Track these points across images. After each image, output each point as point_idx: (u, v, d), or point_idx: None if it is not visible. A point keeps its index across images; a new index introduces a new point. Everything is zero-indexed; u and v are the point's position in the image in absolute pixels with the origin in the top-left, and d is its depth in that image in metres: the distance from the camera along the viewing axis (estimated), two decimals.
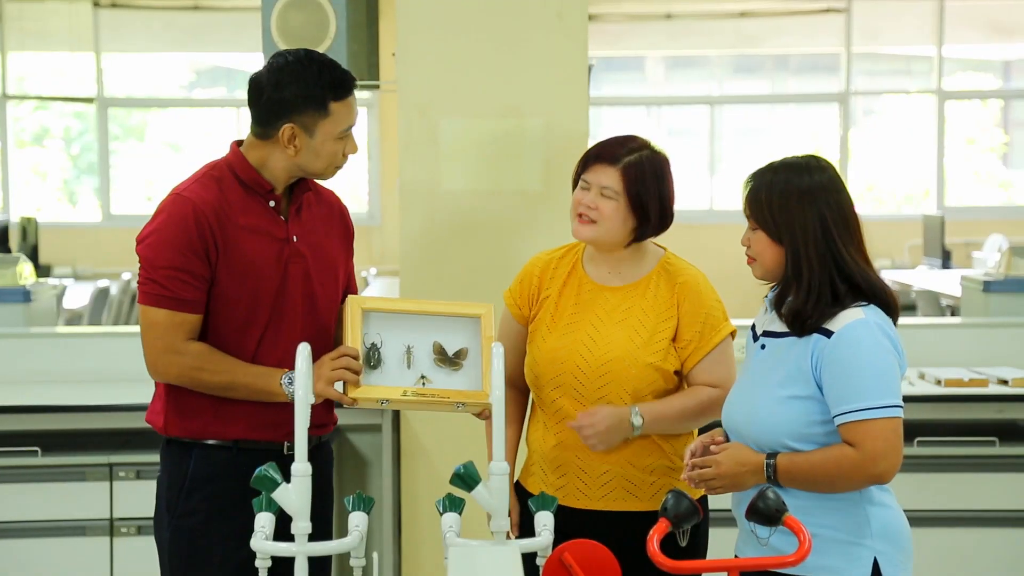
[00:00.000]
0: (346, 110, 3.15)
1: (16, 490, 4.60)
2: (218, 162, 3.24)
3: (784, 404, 2.84)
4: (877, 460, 2.75)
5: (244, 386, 3.14)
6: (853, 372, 2.77)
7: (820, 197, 2.85)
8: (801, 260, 2.83)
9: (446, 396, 3.09)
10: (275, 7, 4.39)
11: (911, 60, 13.06)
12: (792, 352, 2.86)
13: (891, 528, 2.86)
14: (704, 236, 11.94)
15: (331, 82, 3.15)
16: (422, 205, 4.42)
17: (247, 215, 3.17)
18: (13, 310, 5.31)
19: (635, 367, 3.18)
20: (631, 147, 3.21)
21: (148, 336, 3.15)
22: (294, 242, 3.21)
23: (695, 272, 3.30)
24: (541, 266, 3.35)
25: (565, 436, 3.23)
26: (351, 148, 3.19)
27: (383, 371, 3.11)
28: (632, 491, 3.21)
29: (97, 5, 12.11)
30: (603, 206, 3.19)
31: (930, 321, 7.06)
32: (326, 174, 3.23)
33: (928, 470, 4.68)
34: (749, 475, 2.85)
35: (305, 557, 2.60)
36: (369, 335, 3.10)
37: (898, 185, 12.92)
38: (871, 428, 2.75)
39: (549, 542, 2.64)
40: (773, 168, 2.91)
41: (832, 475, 2.78)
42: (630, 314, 3.23)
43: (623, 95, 13.12)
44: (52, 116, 12.92)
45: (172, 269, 3.11)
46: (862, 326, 2.79)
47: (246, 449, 3.19)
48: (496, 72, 4.38)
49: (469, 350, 3.14)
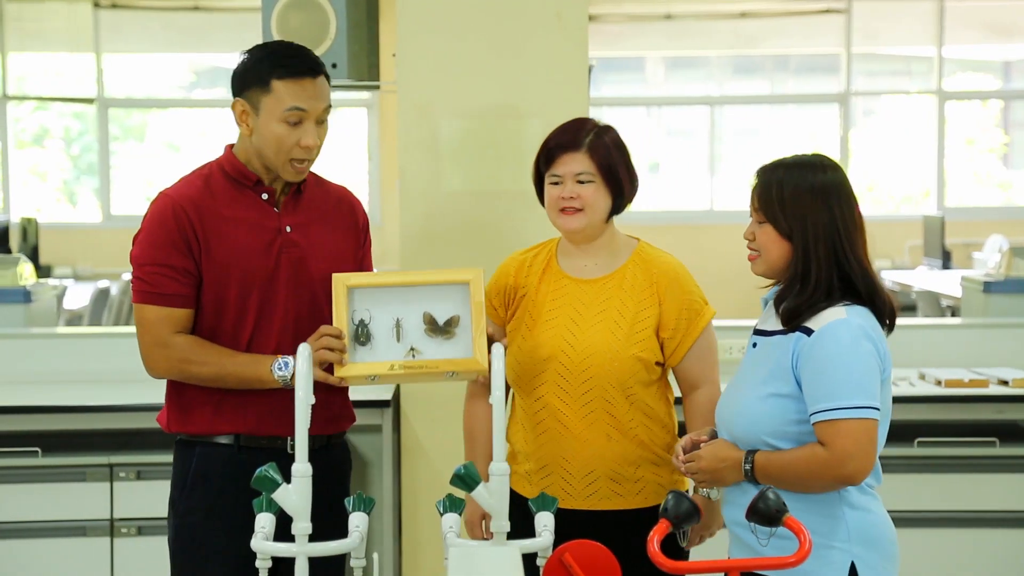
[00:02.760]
0: (291, 90, 3.12)
1: (16, 490, 4.60)
2: (209, 163, 3.29)
3: (765, 401, 2.85)
4: (845, 461, 2.74)
5: (233, 375, 3.15)
6: (829, 371, 2.76)
7: (832, 195, 2.85)
8: (810, 257, 2.83)
9: (435, 366, 3.05)
10: (275, 7, 4.39)
11: (911, 60, 13.05)
12: (777, 350, 2.86)
13: (870, 532, 2.83)
14: (704, 236, 11.96)
15: (278, 60, 3.16)
16: (422, 205, 4.42)
17: (233, 207, 3.19)
18: (13, 310, 5.31)
19: (618, 360, 3.19)
20: (587, 128, 3.26)
21: (139, 332, 3.21)
22: (287, 232, 3.21)
23: (671, 259, 3.32)
24: (516, 265, 3.36)
25: (550, 435, 3.23)
26: (306, 139, 3.14)
27: (372, 347, 3.07)
28: (616, 490, 3.23)
29: (97, 6, 12.11)
30: (583, 192, 3.22)
31: (930, 322, 7.05)
32: (280, 166, 3.17)
33: (928, 471, 4.68)
34: (729, 471, 2.87)
35: (305, 558, 2.60)
36: (357, 312, 3.06)
37: (898, 186, 12.92)
38: (842, 428, 2.74)
39: (550, 543, 2.64)
40: (785, 164, 2.90)
41: (803, 474, 2.78)
42: (609, 304, 3.24)
43: (623, 96, 13.12)
44: (52, 117, 12.92)
45: (154, 265, 3.15)
46: (842, 325, 2.78)
47: (248, 447, 3.20)
48: (496, 73, 4.38)
49: (460, 317, 3.08)
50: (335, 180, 3.48)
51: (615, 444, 3.21)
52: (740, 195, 12.54)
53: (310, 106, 3.14)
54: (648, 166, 12.99)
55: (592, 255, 3.30)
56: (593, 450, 3.21)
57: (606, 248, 3.31)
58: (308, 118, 3.15)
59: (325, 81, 3.20)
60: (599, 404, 3.20)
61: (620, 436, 3.21)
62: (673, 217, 12.28)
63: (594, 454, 3.21)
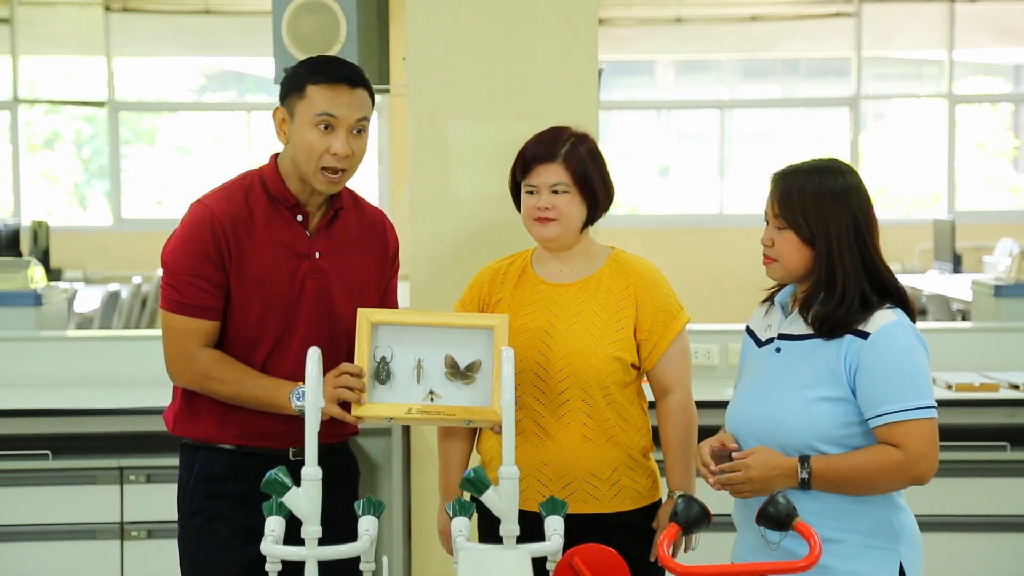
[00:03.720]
0: (324, 95, 3.12)
1: (27, 494, 4.60)
2: (252, 171, 3.27)
3: (814, 406, 2.83)
4: (919, 461, 2.76)
5: (252, 397, 3.15)
6: (892, 373, 2.77)
7: (852, 199, 2.86)
8: (835, 262, 2.83)
9: (452, 413, 3.05)
10: (286, 11, 4.39)
11: (921, 64, 13.04)
12: (821, 354, 2.85)
13: (914, 533, 2.88)
14: (714, 240, 11.96)
15: (316, 67, 3.17)
16: (432, 209, 4.42)
17: (269, 227, 3.19)
18: (24, 314, 5.32)
19: (595, 358, 3.20)
20: (563, 139, 3.28)
21: (164, 340, 3.22)
22: (316, 258, 3.21)
23: (648, 264, 3.35)
24: (490, 274, 3.39)
25: (526, 436, 3.22)
26: (335, 146, 3.12)
27: (392, 386, 3.07)
28: (593, 493, 3.23)
29: (108, 9, 12.13)
30: (558, 202, 3.24)
31: (941, 325, 7.04)
32: (312, 174, 3.15)
33: (938, 474, 4.58)
34: (779, 479, 2.81)
35: (315, 561, 2.60)
36: (380, 348, 3.07)
37: (909, 189, 12.90)
38: (913, 428, 2.76)
39: (559, 547, 2.64)
40: (804, 170, 2.90)
41: (874, 476, 2.78)
42: (584, 307, 3.26)
43: (633, 99, 13.10)
44: (63, 120, 12.95)
45: (188, 276, 3.15)
46: (898, 328, 2.80)
47: (249, 453, 3.21)
48: (506, 76, 4.38)
49: (482, 363, 3.09)
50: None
51: (591, 445, 3.22)
52: (750, 199, 12.53)
53: (341, 113, 3.13)
54: (658, 170, 12.99)
55: (567, 261, 3.33)
56: (570, 452, 3.22)
57: (581, 255, 3.33)
58: (340, 125, 3.13)
59: (365, 94, 3.18)
60: (577, 405, 3.21)
61: (597, 437, 3.22)
62: (683, 221, 12.27)
63: (571, 456, 3.22)
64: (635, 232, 11.31)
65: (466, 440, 3.39)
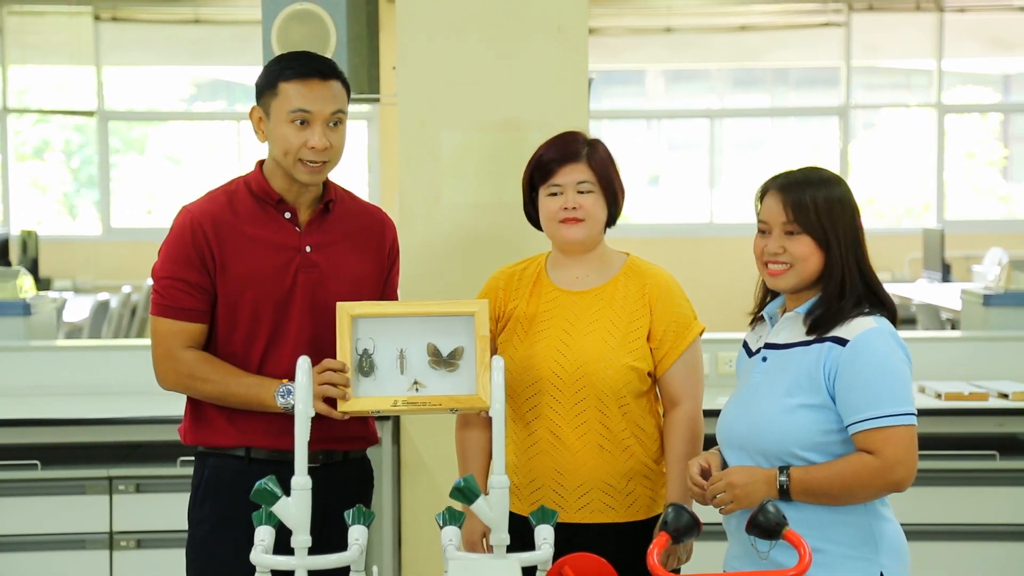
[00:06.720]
0: (296, 91, 3.13)
1: (16, 504, 4.59)
2: (238, 177, 3.30)
3: (793, 413, 2.84)
4: (896, 467, 2.76)
5: (236, 396, 3.15)
6: (870, 380, 2.78)
7: (849, 206, 2.90)
8: (843, 267, 2.86)
9: (438, 402, 3.04)
10: (276, 20, 4.39)
11: (911, 74, 13.07)
12: (801, 361, 2.86)
13: (896, 543, 2.87)
14: (704, 249, 11.97)
15: (286, 63, 3.19)
16: (422, 218, 4.42)
17: (255, 225, 3.20)
18: (13, 323, 5.31)
19: (612, 368, 3.19)
20: (581, 140, 3.29)
21: (152, 344, 3.25)
22: (307, 252, 3.21)
23: (664, 273, 3.33)
24: (504, 279, 3.36)
25: (542, 447, 3.22)
26: (312, 140, 3.13)
27: (376, 378, 3.06)
28: (608, 503, 3.22)
29: (98, 18, 12.13)
30: (584, 202, 3.24)
31: (930, 334, 7.05)
32: (291, 168, 3.17)
33: (928, 484, 4.67)
34: (761, 484, 2.82)
35: (305, 571, 2.60)
36: (361, 340, 3.06)
37: (898, 198, 12.93)
38: (890, 435, 2.76)
39: (549, 556, 2.64)
40: (808, 179, 2.91)
41: (850, 484, 2.78)
42: (601, 316, 3.25)
43: (623, 108, 13.12)
44: (53, 129, 12.93)
45: (169, 279, 3.18)
46: (876, 334, 2.81)
47: (258, 459, 3.20)
48: (497, 85, 4.39)
49: (464, 349, 3.07)
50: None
51: (607, 455, 3.21)
52: (741, 208, 12.55)
53: (316, 108, 3.14)
54: (648, 179, 13.00)
55: (584, 267, 3.31)
56: (586, 461, 3.21)
57: (598, 261, 3.32)
58: (315, 120, 3.14)
59: (339, 86, 3.19)
60: (592, 415, 3.20)
61: (613, 447, 3.21)
62: (673, 230, 12.29)
63: (587, 465, 3.21)
64: (625, 241, 11.23)
65: (484, 429, 3.30)
